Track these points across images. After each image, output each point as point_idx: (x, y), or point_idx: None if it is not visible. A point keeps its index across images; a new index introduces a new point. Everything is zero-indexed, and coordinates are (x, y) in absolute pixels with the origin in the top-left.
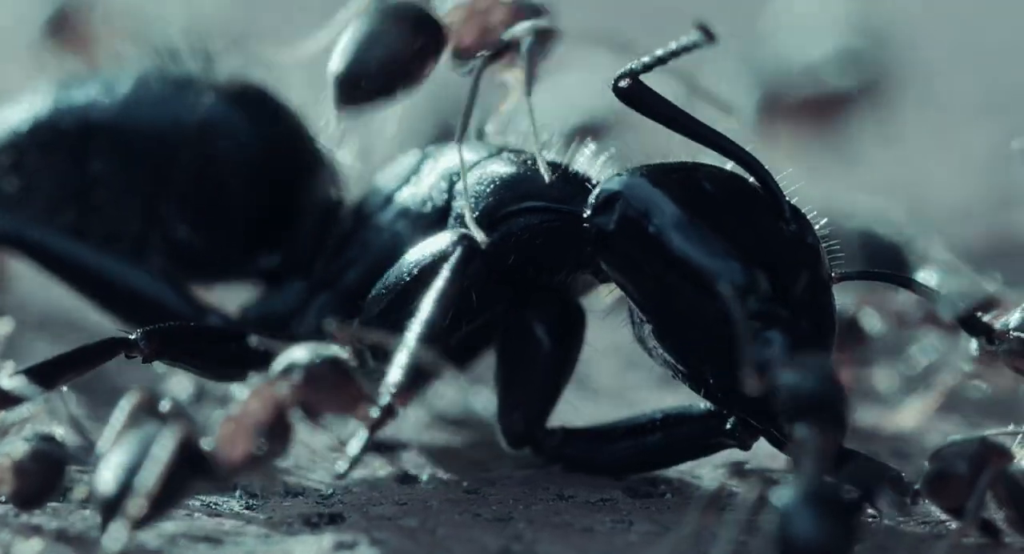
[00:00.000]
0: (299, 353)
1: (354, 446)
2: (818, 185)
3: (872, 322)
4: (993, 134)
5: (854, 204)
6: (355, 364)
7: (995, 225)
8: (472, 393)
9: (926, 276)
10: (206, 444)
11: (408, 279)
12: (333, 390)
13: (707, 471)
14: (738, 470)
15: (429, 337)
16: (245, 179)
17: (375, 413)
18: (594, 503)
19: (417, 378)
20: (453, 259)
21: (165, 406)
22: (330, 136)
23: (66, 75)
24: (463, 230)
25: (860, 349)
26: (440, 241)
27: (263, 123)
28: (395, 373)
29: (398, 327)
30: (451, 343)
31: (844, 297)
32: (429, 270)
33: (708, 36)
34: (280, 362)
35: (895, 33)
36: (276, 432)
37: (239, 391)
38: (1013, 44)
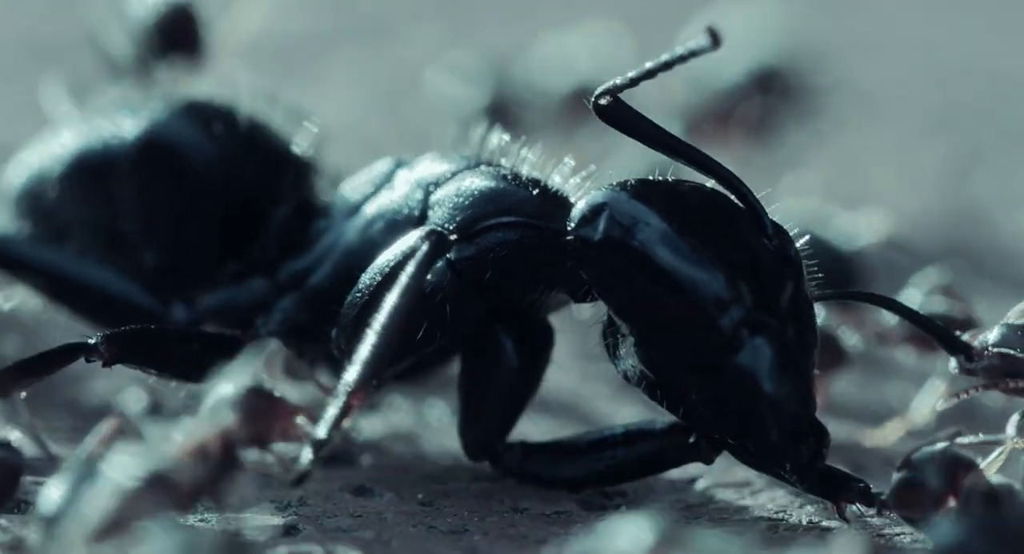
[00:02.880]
0: (225, 388)
1: (307, 453)
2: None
3: (851, 341)
4: (946, 150)
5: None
6: (280, 384)
7: (950, 239)
8: (428, 405)
9: (905, 296)
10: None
11: (380, 280)
12: (267, 417)
13: (662, 483)
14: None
15: (394, 331)
16: (201, 192)
17: (333, 411)
18: (548, 515)
19: (377, 375)
20: (421, 251)
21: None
22: (301, 139)
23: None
24: (431, 226)
25: (840, 367)
26: (409, 238)
27: (212, 134)
28: (353, 370)
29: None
30: (422, 357)
31: (823, 315)
32: (399, 268)
33: (715, 41)
34: (209, 401)
35: (820, 46)
36: (222, 469)
37: (176, 432)
38: (964, 62)
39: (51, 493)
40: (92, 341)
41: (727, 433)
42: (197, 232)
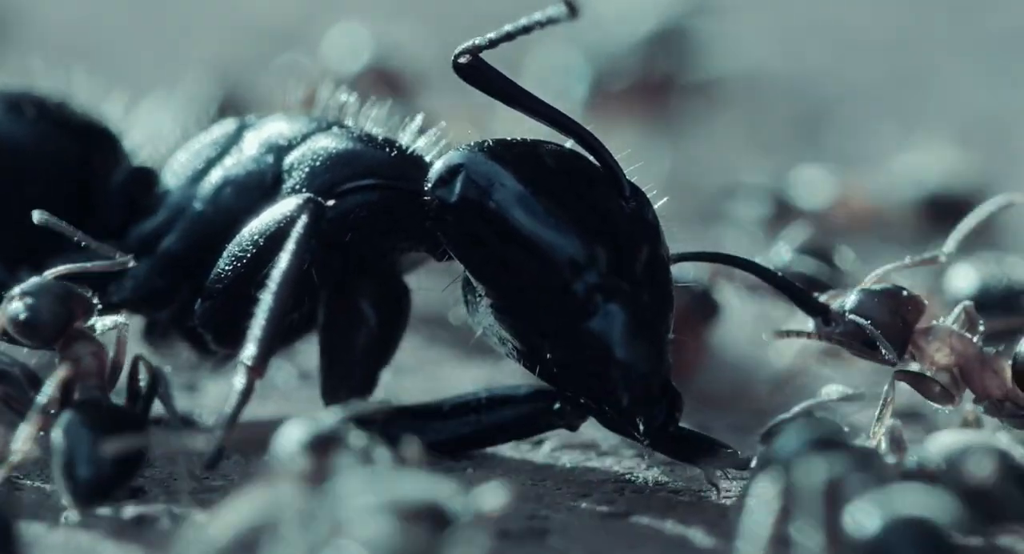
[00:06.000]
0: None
1: (217, 428)
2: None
3: (724, 295)
4: (802, 108)
5: None
6: None
7: None
8: (274, 367)
9: (773, 254)
10: None
11: (254, 250)
12: None
13: (509, 445)
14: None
15: (284, 304)
16: (18, 173)
17: (236, 390)
18: None
19: (274, 349)
20: (302, 222)
21: None
22: (114, 110)
23: None
24: (308, 194)
25: (712, 321)
26: (284, 207)
27: (14, 118)
28: (250, 346)
29: (247, 301)
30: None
31: (696, 271)
32: (277, 237)
33: (572, 11)
34: None
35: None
36: None
37: None
38: (820, 22)
39: None
40: None
41: (582, 395)
42: (28, 210)
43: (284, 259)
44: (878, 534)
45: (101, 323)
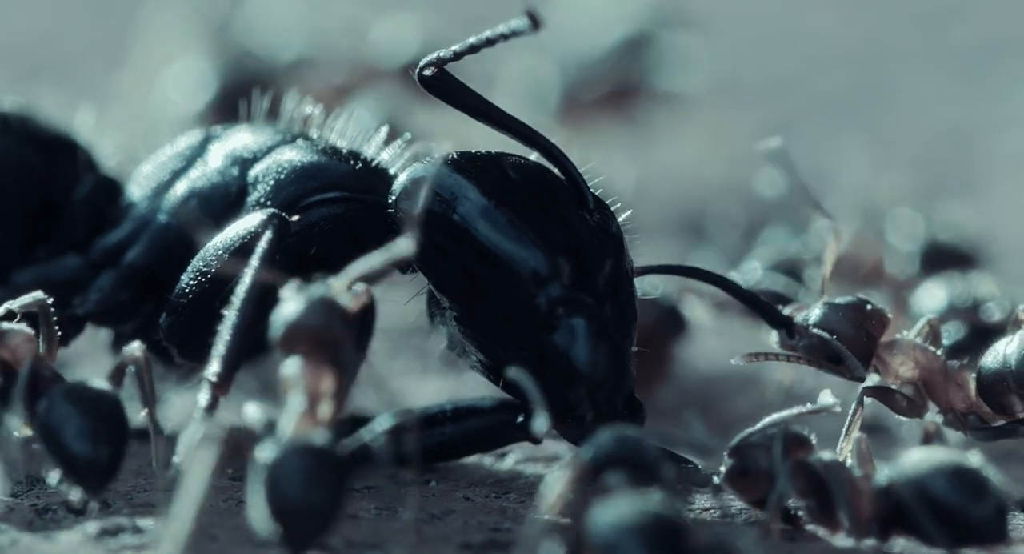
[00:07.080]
0: None
1: (185, 441)
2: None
3: (693, 311)
4: (768, 119)
5: None
6: None
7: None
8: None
9: (744, 269)
10: None
11: (220, 267)
12: None
13: (473, 457)
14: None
15: (248, 320)
16: None
17: (202, 403)
18: (359, 490)
19: (239, 365)
20: (266, 238)
21: None
22: (79, 121)
23: None
24: (272, 209)
25: (679, 336)
26: (248, 222)
27: None
28: (215, 363)
29: (212, 315)
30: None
31: (665, 285)
32: (241, 253)
33: (534, 24)
34: None
35: (684, 18)
36: None
37: None
38: (788, 32)
39: None
40: None
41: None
42: None
43: (248, 277)
44: (607, 529)
45: (18, 305)
